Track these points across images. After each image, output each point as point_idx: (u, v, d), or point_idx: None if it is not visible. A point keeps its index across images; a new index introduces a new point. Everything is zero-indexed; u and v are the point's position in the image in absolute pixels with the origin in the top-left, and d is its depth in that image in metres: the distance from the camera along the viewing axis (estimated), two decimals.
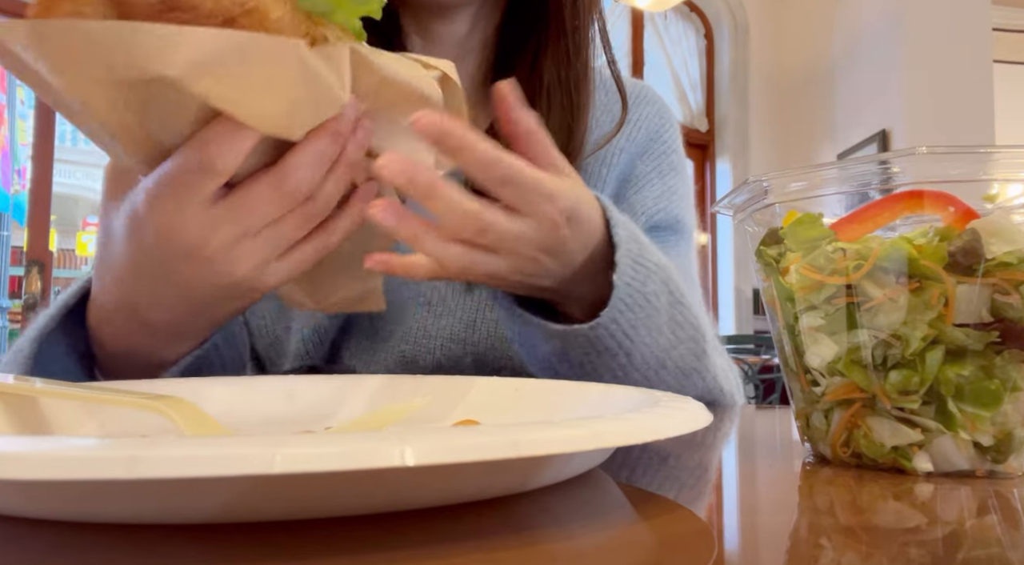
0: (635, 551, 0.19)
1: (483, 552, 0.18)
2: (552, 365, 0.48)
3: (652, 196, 0.66)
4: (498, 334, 0.61)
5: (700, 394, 0.52)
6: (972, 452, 0.29)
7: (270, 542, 0.19)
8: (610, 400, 0.34)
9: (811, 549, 0.20)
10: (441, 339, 0.60)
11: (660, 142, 0.69)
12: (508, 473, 0.22)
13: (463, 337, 0.60)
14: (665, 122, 0.71)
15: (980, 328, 0.28)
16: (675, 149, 0.70)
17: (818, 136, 4.06)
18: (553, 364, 0.48)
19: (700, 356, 0.51)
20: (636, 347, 0.46)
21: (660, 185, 0.67)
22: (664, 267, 0.48)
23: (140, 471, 0.15)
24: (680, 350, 0.49)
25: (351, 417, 0.33)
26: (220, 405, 0.35)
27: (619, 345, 0.46)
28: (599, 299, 0.45)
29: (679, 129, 0.73)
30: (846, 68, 3.85)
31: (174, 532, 0.19)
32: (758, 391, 3.10)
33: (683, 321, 0.49)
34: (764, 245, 0.34)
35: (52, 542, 0.19)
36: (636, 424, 0.22)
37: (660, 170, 0.68)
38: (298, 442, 0.16)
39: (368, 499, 0.20)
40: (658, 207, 0.66)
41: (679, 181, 0.69)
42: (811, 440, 0.33)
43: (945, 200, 0.29)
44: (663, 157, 0.68)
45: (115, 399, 0.31)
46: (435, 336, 0.60)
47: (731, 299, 4.15)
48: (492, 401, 0.38)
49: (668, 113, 0.72)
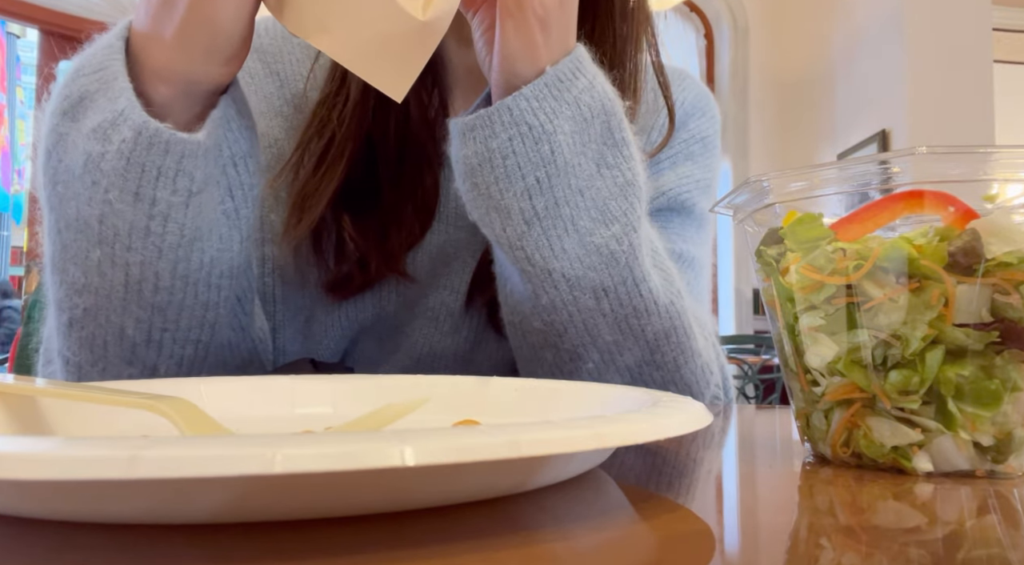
0: (635, 551, 0.19)
1: (483, 552, 0.18)
2: (476, 181, 0.46)
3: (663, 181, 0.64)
4: (501, 357, 0.60)
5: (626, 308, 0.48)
6: (972, 452, 0.29)
7: (270, 542, 0.19)
8: (610, 400, 0.34)
9: (811, 549, 0.20)
10: (445, 358, 0.60)
11: (684, 130, 0.67)
12: (508, 473, 0.22)
13: (467, 357, 0.60)
14: (695, 111, 0.68)
15: (980, 328, 0.28)
16: (700, 138, 0.68)
17: (818, 136, 4.06)
18: (477, 178, 0.46)
19: (627, 215, 0.47)
20: (560, 141, 0.45)
21: (672, 174, 0.65)
22: (611, 99, 0.47)
23: (140, 471, 0.15)
24: (601, 187, 0.46)
25: (351, 417, 0.33)
26: (220, 405, 0.35)
27: (542, 127, 0.44)
28: None
29: (715, 119, 0.70)
30: (846, 68, 3.85)
31: (174, 532, 0.19)
32: (758, 391, 3.11)
33: (614, 164, 0.47)
34: (764, 245, 0.34)
35: (52, 542, 0.19)
36: (636, 424, 0.22)
37: (674, 160, 0.66)
38: (298, 442, 0.16)
39: (368, 499, 0.20)
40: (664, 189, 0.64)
41: (697, 168, 0.66)
42: (811, 440, 0.33)
43: (945, 200, 0.29)
44: (683, 145, 0.66)
45: (115, 399, 0.31)
46: (440, 354, 0.60)
47: (731, 299, 4.15)
48: (492, 401, 0.38)
49: (701, 102, 0.70)
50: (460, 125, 0.46)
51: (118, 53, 0.42)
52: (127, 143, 0.41)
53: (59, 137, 0.43)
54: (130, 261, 0.43)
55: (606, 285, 0.47)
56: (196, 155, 0.42)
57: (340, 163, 0.56)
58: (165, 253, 0.43)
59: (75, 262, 0.44)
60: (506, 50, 0.45)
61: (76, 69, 0.43)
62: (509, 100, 0.44)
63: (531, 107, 0.44)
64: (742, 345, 3.58)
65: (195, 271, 0.45)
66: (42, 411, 0.33)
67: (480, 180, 0.46)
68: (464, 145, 0.46)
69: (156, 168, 0.41)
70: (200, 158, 0.43)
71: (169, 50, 0.41)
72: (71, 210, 0.43)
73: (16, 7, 3.25)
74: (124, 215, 0.42)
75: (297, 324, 0.60)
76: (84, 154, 0.42)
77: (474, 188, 0.46)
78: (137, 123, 0.41)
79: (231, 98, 0.45)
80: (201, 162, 0.43)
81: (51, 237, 0.46)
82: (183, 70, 0.42)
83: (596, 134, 0.46)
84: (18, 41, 3.67)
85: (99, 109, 0.42)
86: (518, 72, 0.45)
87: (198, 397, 0.32)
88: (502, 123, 0.44)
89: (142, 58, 0.42)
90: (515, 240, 0.46)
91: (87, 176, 0.42)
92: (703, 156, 0.67)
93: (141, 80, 0.43)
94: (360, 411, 0.35)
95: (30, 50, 3.78)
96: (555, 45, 0.45)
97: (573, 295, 0.47)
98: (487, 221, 0.47)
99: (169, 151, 0.41)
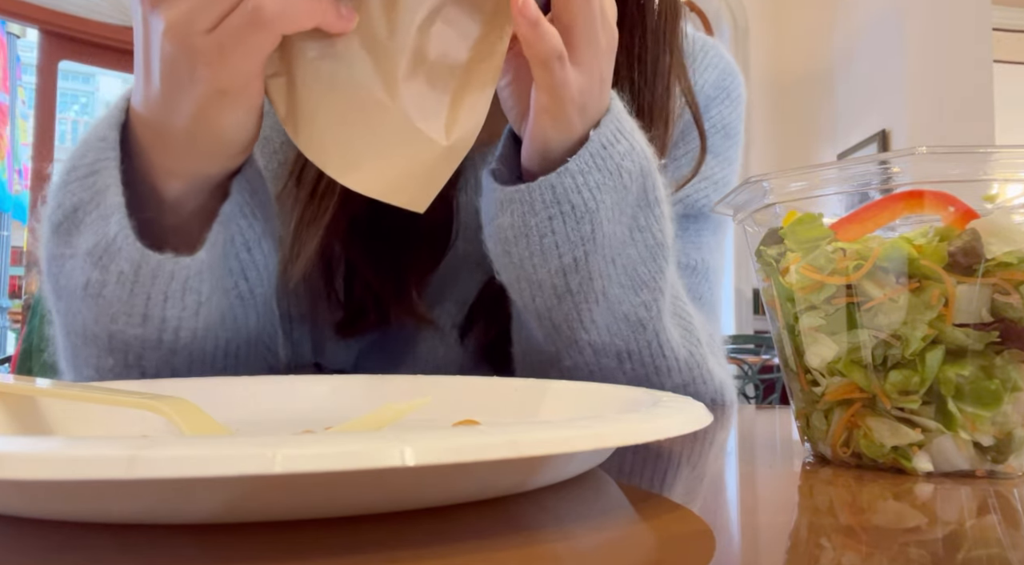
0: (635, 551, 0.19)
1: (483, 552, 0.18)
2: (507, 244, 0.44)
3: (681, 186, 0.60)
4: None
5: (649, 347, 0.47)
6: (972, 452, 0.29)
7: (270, 542, 0.19)
8: (610, 400, 0.34)
9: (811, 549, 0.20)
10: (450, 370, 0.59)
11: (705, 118, 0.62)
12: (508, 473, 0.22)
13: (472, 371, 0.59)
14: (720, 93, 0.63)
15: (980, 328, 0.28)
16: (721, 127, 0.63)
17: (818, 136, 4.06)
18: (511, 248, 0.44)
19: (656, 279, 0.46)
20: (601, 216, 0.42)
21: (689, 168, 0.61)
22: (648, 159, 0.45)
23: (140, 471, 0.15)
24: (633, 254, 0.45)
25: (351, 417, 0.33)
26: (220, 405, 0.35)
27: (585, 205, 0.42)
28: None
29: (739, 101, 0.65)
30: (846, 68, 3.85)
31: (174, 532, 0.19)
32: (758, 391, 3.10)
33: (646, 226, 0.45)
34: (764, 245, 0.34)
35: (52, 542, 0.19)
36: (636, 424, 0.22)
37: (694, 153, 0.61)
38: (298, 442, 0.16)
39: (368, 499, 0.20)
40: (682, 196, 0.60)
41: (717, 164, 0.63)
42: (811, 440, 0.33)
43: (945, 200, 0.29)
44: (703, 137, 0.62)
45: (115, 399, 0.31)
46: (444, 368, 0.59)
47: (731, 299, 4.15)
48: (492, 401, 0.38)
49: (727, 82, 0.64)
50: (497, 196, 0.44)
51: (112, 149, 0.40)
52: (126, 275, 0.39)
53: (57, 254, 0.41)
54: (145, 364, 0.42)
55: (631, 349, 0.47)
56: (202, 272, 0.41)
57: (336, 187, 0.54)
58: (179, 352, 0.42)
59: (88, 364, 0.43)
60: (541, 132, 0.42)
61: (69, 168, 0.41)
62: (554, 177, 0.42)
63: (575, 184, 0.42)
64: (742, 345, 3.58)
65: (210, 354, 0.44)
66: (42, 411, 0.33)
67: (514, 251, 0.44)
68: (499, 215, 0.44)
69: (162, 293, 0.40)
70: (207, 273, 0.41)
71: (174, 154, 0.40)
72: (78, 324, 0.42)
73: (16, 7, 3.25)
74: (134, 332, 0.41)
75: (310, 341, 0.60)
76: (84, 277, 0.40)
77: (506, 255, 0.45)
78: (134, 257, 0.39)
79: (245, 179, 0.43)
80: (208, 276, 0.41)
81: (62, 338, 0.45)
82: (192, 170, 0.41)
83: (633, 199, 0.45)
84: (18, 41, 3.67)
85: (92, 229, 0.40)
86: (553, 144, 0.43)
87: (198, 397, 0.32)
88: (543, 202, 0.42)
89: (148, 154, 0.40)
90: (543, 311, 0.45)
91: (90, 299, 0.40)
92: (724, 148, 0.63)
93: (151, 176, 0.41)
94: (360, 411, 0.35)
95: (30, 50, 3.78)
96: (592, 115, 0.43)
97: (597, 359, 0.47)
98: (516, 288, 0.46)
99: (174, 277, 0.40)
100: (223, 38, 0.34)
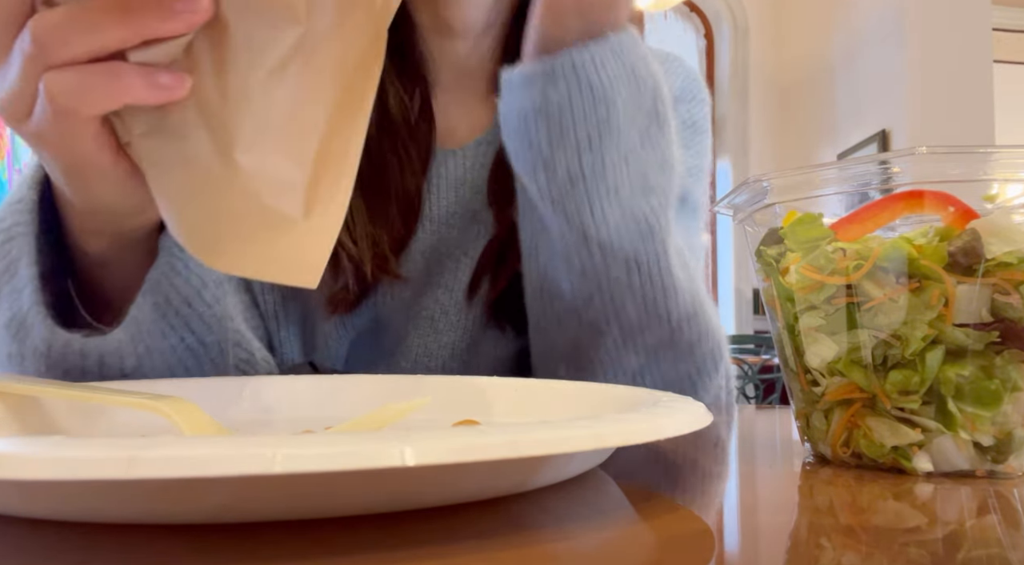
0: (635, 551, 0.19)
1: (483, 552, 0.18)
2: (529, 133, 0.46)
3: None
4: (497, 355, 0.60)
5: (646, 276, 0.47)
6: (972, 452, 0.29)
7: (270, 542, 0.19)
8: (610, 400, 0.34)
9: (811, 549, 0.20)
10: (442, 358, 0.59)
11: None
12: (508, 473, 0.22)
13: (464, 357, 0.59)
14: (685, 95, 0.68)
15: (980, 328, 0.28)
16: (690, 124, 0.67)
17: (818, 136, 4.06)
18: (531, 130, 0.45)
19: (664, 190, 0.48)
20: (617, 108, 0.45)
21: None
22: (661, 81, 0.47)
23: (140, 471, 0.15)
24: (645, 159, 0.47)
25: (351, 417, 0.33)
26: (220, 405, 0.35)
27: (602, 87, 0.44)
28: None
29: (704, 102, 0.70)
30: (846, 68, 3.84)
31: (174, 532, 0.19)
32: (758, 391, 3.10)
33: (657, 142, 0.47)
34: (764, 245, 0.34)
35: (52, 542, 0.19)
36: (636, 424, 0.22)
37: None
38: (298, 442, 0.16)
39: (368, 499, 0.20)
40: None
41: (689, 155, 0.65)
42: (811, 440, 0.33)
43: (945, 200, 0.29)
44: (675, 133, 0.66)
45: (115, 399, 0.31)
46: (436, 354, 0.59)
47: (731, 299, 4.15)
48: (492, 401, 0.38)
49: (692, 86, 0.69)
50: (518, 74, 0.46)
51: (28, 211, 0.38)
52: (40, 351, 0.39)
53: None
54: None
55: (639, 258, 0.47)
56: (120, 349, 0.40)
57: None
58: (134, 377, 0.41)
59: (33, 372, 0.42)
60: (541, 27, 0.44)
61: None
62: (574, 52, 0.44)
63: (595, 65, 0.44)
64: (742, 345, 3.59)
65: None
66: (42, 411, 0.33)
67: (533, 134, 0.45)
68: (520, 95, 0.46)
69: (79, 368, 0.39)
70: (127, 346, 0.40)
71: (79, 213, 0.38)
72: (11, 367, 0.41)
73: None
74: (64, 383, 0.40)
75: (299, 337, 0.60)
76: (5, 348, 0.40)
77: (522, 140, 0.46)
78: (44, 334, 0.38)
79: None
80: (129, 349, 0.40)
81: None
82: (105, 228, 0.39)
83: (646, 107, 0.46)
84: None
85: (7, 301, 0.39)
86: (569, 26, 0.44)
87: (198, 397, 0.32)
88: (564, 76, 0.44)
89: (63, 212, 0.39)
90: (556, 197, 0.46)
91: (12, 363, 0.40)
92: (694, 141, 0.67)
93: (72, 235, 0.40)
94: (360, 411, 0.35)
95: None
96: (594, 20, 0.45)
97: (605, 263, 0.47)
98: (531, 176, 0.47)
99: (86, 356, 0.39)
100: (39, 126, 0.31)
